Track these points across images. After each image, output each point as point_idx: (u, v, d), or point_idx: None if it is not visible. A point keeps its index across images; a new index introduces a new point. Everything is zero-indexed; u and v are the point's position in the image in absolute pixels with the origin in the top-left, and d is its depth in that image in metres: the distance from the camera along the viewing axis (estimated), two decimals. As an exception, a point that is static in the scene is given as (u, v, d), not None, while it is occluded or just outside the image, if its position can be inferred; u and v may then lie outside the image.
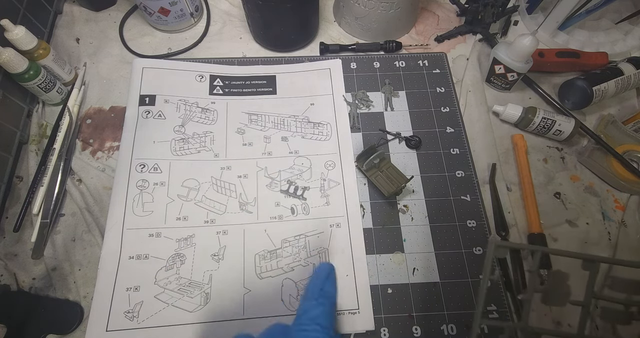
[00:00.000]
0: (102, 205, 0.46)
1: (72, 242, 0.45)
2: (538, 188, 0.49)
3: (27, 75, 0.46)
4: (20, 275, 0.42)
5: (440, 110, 0.54)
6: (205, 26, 0.60)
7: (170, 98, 0.52)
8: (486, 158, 0.51)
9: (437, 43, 0.60)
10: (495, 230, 0.46)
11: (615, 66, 0.53)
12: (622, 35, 0.59)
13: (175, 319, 0.40)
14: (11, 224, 0.44)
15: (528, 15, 0.61)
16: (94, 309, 0.40)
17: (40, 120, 0.51)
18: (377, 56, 0.58)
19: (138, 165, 0.47)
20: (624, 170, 0.48)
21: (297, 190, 0.47)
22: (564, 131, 0.50)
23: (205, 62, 0.55)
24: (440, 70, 0.57)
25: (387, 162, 0.49)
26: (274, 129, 0.51)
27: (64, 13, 0.59)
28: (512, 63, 0.51)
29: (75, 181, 0.48)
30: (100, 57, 0.56)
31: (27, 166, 0.48)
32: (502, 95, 0.56)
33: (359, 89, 0.55)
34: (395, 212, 0.47)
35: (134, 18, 0.60)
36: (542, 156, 0.52)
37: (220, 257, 0.43)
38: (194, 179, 0.47)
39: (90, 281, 0.42)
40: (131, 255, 0.43)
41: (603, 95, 0.52)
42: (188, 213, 0.45)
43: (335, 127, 0.52)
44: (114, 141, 0.50)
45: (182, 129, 0.50)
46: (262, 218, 0.46)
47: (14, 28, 0.45)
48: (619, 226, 0.48)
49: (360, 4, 0.54)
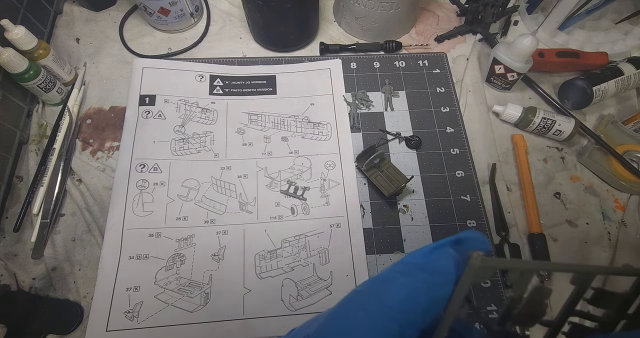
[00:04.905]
0: (102, 205, 0.46)
1: (72, 242, 0.45)
2: (538, 188, 0.49)
3: (27, 75, 0.46)
4: (20, 275, 0.42)
5: (440, 110, 0.54)
6: (205, 26, 0.60)
7: (170, 98, 0.52)
8: (486, 158, 0.51)
9: (437, 43, 0.60)
10: (495, 230, 0.46)
11: (615, 66, 0.53)
12: (622, 35, 0.59)
13: (175, 319, 0.40)
14: (11, 224, 0.44)
15: (528, 15, 0.61)
16: (94, 309, 0.40)
17: (40, 120, 0.51)
18: (377, 56, 0.58)
19: (138, 165, 0.47)
20: (624, 170, 0.48)
21: (297, 190, 0.47)
22: (564, 131, 0.50)
23: (205, 62, 0.55)
24: (440, 70, 0.57)
25: (387, 162, 0.49)
26: (274, 129, 0.51)
27: (64, 13, 0.59)
28: (512, 63, 0.51)
29: (75, 181, 0.48)
30: (100, 57, 0.56)
31: (27, 166, 0.48)
32: (502, 95, 0.56)
33: (359, 89, 0.55)
34: (395, 212, 0.47)
35: (134, 18, 0.60)
36: (542, 156, 0.52)
37: (220, 257, 0.43)
38: (194, 179, 0.47)
39: (90, 281, 0.42)
40: (131, 255, 0.43)
41: (603, 95, 0.52)
42: (188, 213, 0.45)
43: (335, 127, 0.52)
44: (114, 141, 0.50)
45: (182, 129, 0.50)
46: (262, 218, 0.46)
47: (14, 28, 0.45)
48: (619, 226, 0.48)
49: (360, 4, 0.54)
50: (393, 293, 0.12)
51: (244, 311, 0.41)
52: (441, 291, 0.12)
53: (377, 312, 0.12)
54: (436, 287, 0.12)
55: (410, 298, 0.12)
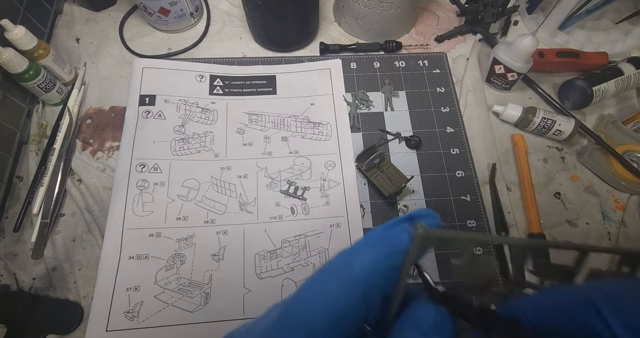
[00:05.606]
0: (102, 205, 0.46)
1: (72, 242, 0.45)
2: (538, 188, 0.49)
3: (27, 75, 0.46)
4: (20, 275, 0.42)
5: (440, 110, 0.54)
6: (205, 26, 0.60)
7: (170, 98, 0.52)
8: (486, 158, 0.51)
9: (437, 43, 0.60)
10: (495, 230, 0.46)
11: (615, 66, 0.53)
12: (622, 35, 0.59)
13: (175, 319, 0.40)
14: (11, 224, 0.44)
15: (528, 15, 0.61)
16: (94, 309, 0.40)
17: (40, 120, 0.51)
18: (377, 56, 0.58)
19: (138, 165, 0.47)
20: (624, 170, 0.48)
21: (297, 190, 0.47)
22: (564, 131, 0.50)
23: (205, 62, 0.55)
24: (440, 70, 0.57)
25: (387, 162, 0.49)
26: (274, 129, 0.51)
27: (64, 13, 0.59)
28: (512, 63, 0.51)
29: (75, 181, 0.48)
30: (100, 57, 0.56)
31: (27, 166, 0.48)
32: (502, 95, 0.56)
33: (359, 89, 0.55)
34: (395, 212, 0.47)
35: (134, 18, 0.60)
36: (542, 156, 0.52)
37: (220, 257, 0.43)
38: (194, 179, 0.47)
39: (90, 281, 0.42)
40: (131, 255, 0.43)
41: (603, 95, 0.52)
42: (188, 213, 0.45)
43: (335, 127, 0.52)
44: (114, 141, 0.50)
45: (182, 129, 0.50)
46: (262, 218, 0.46)
47: (14, 28, 0.45)
48: (619, 226, 0.48)
49: (360, 4, 0.54)
50: (360, 262, 0.15)
51: (244, 311, 0.41)
52: (398, 259, 0.15)
53: (346, 278, 0.15)
54: (394, 256, 0.15)
55: (373, 265, 0.15)
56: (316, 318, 0.14)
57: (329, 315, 0.14)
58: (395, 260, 0.15)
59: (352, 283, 0.15)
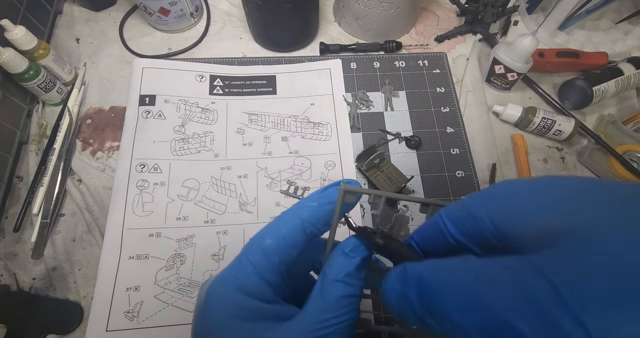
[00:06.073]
0: (102, 205, 0.46)
1: (72, 242, 0.45)
2: (538, 189, 0.49)
3: (27, 75, 0.46)
4: (20, 275, 0.42)
5: (440, 110, 0.54)
6: (205, 26, 0.60)
7: (170, 98, 0.52)
8: (486, 158, 0.51)
9: (437, 43, 0.60)
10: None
11: (615, 66, 0.53)
12: (622, 35, 0.59)
13: (175, 319, 0.40)
14: (11, 224, 0.44)
15: (528, 15, 0.61)
16: (94, 309, 0.40)
17: (40, 120, 0.51)
18: (377, 56, 0.58)
19: (138, 165, 0.47)
20: (624, 170, 0.48)
21: (297, 190, 0.47)
22: (564, 131, 0.50)
23: (205, 62, 0.55)
24: (440, 70, 0.57)
25: (387, 162, 0.49)
26: (274, 129, 0.51)
27: (64, 13, 0.59)
28: (512, 63, 0.51)
29: (75, 181, 0.48)
30: (100, 57, 0.56)
31: (27, 166, 0.48)
32: (502, 95, 0.56)
33: (359, 89, 0.55)
34: (395, 212, 0.47)
35: (134, 18, 0.60)
36: (542, 156, 0.52)
37: (220, 257, 0.43)
38: (194, 179, 0.47)
39: (90, 281, 0.42)
40: (131, 255, 0.42)
41: (603, 95, 0.52)
42: (188, 213, 0.45)
43: (335, 127, 0.52)
44: (114, 141, 0.50)
45: (182, 129, 0.50)
46: (262, 218, 0.46)
47: (14, 28, 0.45)
48: (619, 226, 0.48)
49: (360, 4, 0.54)
50: (304, 210, 0.22)
51: (244, 311, 0.41)
52: (330, 207, 0.22)
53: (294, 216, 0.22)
54: (328, 205, 0.22)
55: (313, 211, 0.22)
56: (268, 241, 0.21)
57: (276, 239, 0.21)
58: (329, 208, 0.22)
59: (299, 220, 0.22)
